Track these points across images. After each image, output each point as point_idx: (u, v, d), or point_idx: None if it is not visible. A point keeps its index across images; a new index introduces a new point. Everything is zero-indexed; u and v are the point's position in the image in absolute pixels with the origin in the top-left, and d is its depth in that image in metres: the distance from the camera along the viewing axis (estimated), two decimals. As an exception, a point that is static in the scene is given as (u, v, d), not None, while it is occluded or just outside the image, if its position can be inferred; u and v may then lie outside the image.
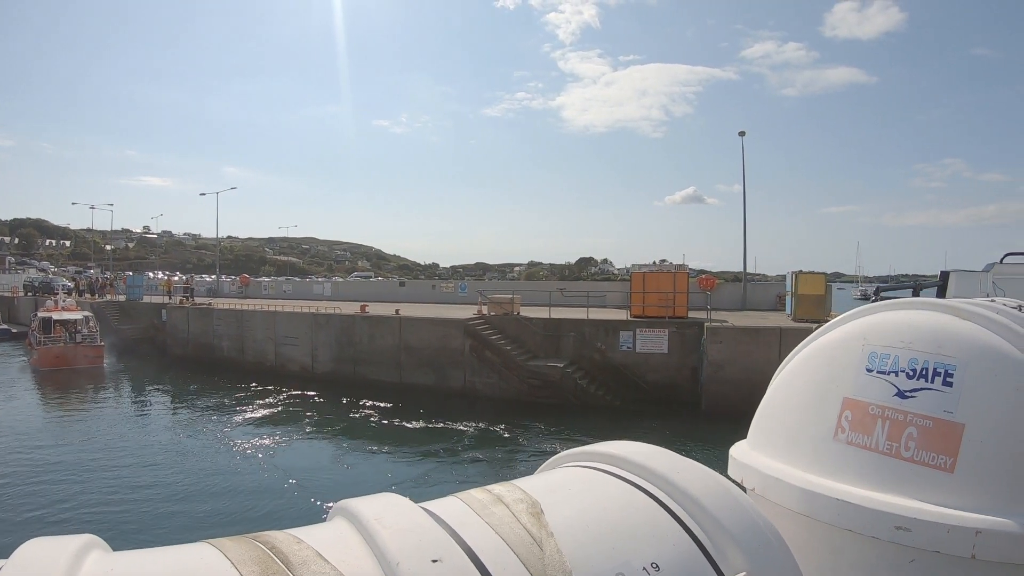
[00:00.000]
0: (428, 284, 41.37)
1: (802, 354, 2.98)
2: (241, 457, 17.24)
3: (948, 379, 2.39)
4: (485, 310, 26.17)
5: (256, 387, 26.39)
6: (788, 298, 24.91)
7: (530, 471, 6.46)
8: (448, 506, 1.36)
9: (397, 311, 27.74)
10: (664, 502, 1.44)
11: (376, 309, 29.49)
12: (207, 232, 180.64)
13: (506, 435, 19.31)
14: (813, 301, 23.31)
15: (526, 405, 22.10)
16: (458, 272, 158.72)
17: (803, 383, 2.87)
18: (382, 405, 22.93)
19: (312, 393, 25.10)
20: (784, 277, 29.28)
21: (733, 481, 2.31)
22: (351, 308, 29.58)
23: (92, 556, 1.09)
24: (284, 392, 25.48)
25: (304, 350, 28.96)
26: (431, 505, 1.36)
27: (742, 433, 2.92)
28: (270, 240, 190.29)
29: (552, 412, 21.18)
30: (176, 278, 55.60)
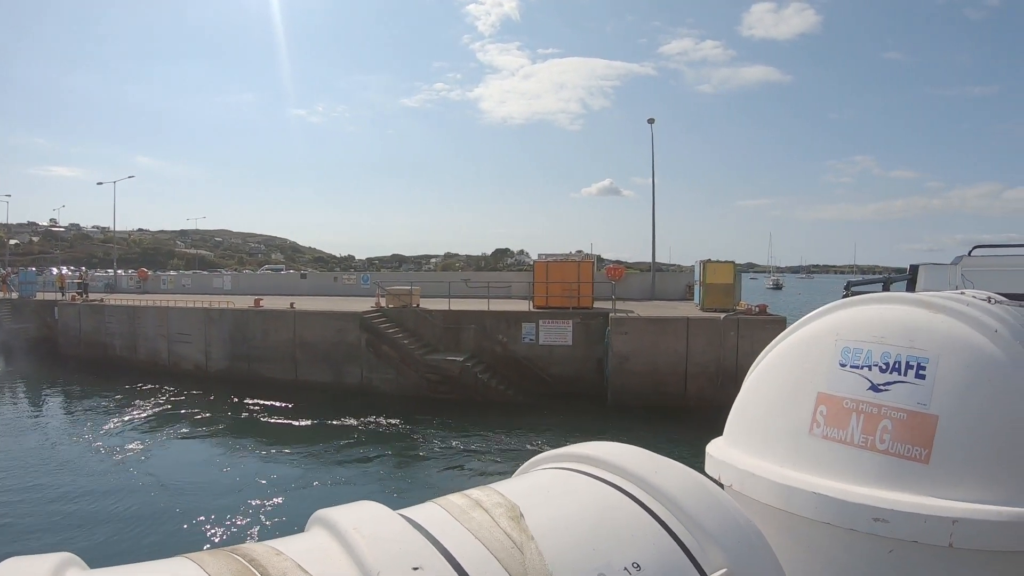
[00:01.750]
0: (330, 276, 39.56)
1: (776, 350, 2.99)
2: (114, 464, 15.80)
3: (921, 372, 2.42)
4: (383, 302, 24.83)
5: (146, 388, 24.48)
6: (696, 287, 24.33)
7: (431, 471, 14.22)
8: (427, 512, 1.32)
9: (292, 304, 26.10)
10: (644, 502, 1.42)
11: (274, 303, 27.78)
12: (118, 224, 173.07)
13: (404, 433, 18.33)
14: (721, 290, 22.83)
15: (425, 401, 21.02)
16: (374, 264, 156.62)
17: (777, 379, 2.88)
18: (277, 404, 21.54)
19: (205, 393, 23.45)
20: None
21: (710, 478, 2.34)
22: (248, 302, 27.75)
23: (69, 574, 1.06)
24: (175, 393, 23.75)
25: (197, 347, 27.08)
26: (410, 512, 1.32)
27: (648, 426, 3.19)
28: (182, 233, 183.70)
29: (452, 408, 20.22)
30: (69, 272, 52.10)
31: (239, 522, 12.06)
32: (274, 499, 13.08)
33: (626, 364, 19.98)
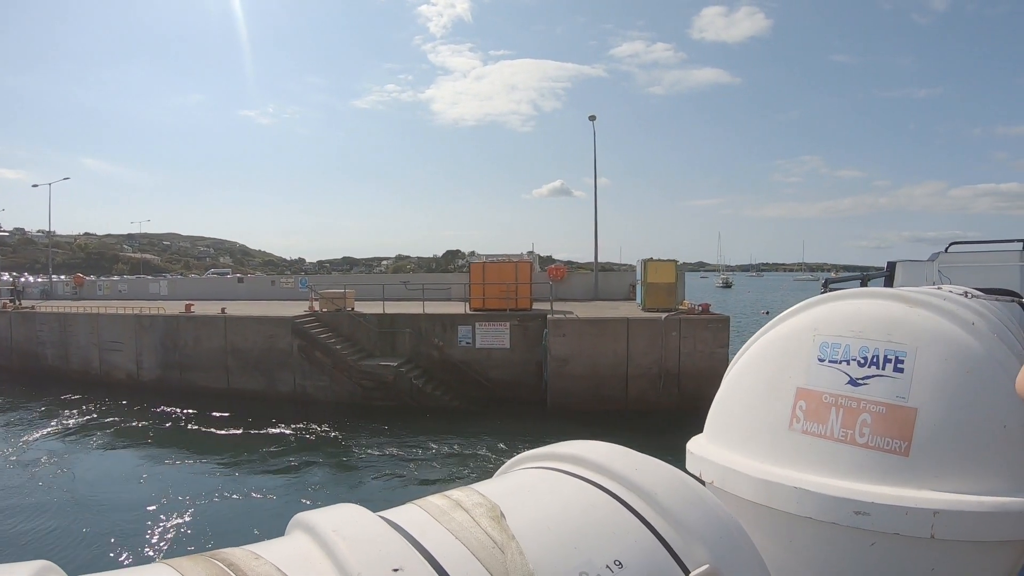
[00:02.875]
0: (268, 280, 38.23)
1: (754, 347, 2.99)
2: (31, 479, 15.03)
3: (899, 365, 2.44)
4: (317, 306, 23.92)
5: (76, 398, 23.30)
6: (638, 287, 23.85)
7: (366, 480, 13.96)
8: (407, 514, 1.33)
9: (223, 310, 24.99)
10: (625, 500, 1.43)
11: (210, 308, 26.57)
12: (64, 228, 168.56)
13: (339, 442, 17.68)
14: (663, 290, 22.32)
15: (360, 408, 20.31)
16: (324, 267, 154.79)
17: (756, 375, 2.89)
18: (209, 414, 20.59)
19: (136, 403, 22.39)
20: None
21: (691, 475, 2.51)
22: (181, 309, 26.52)
23: None
24: (106, 403, 22.64)
25: (129, 356, 25.74)
26: (390, 514, 1.32)
27: (589, 430, 2.30)
28: (129, 237, 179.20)
29: (388, 415, 19.53)
30: (7, 278, 49.90)
31: (167, 536, 11.59)
32: (201, 512, 12.61)
33: (565, 367, 19.45)
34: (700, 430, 3.25)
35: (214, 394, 22.81)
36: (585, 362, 19.37)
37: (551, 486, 1.50)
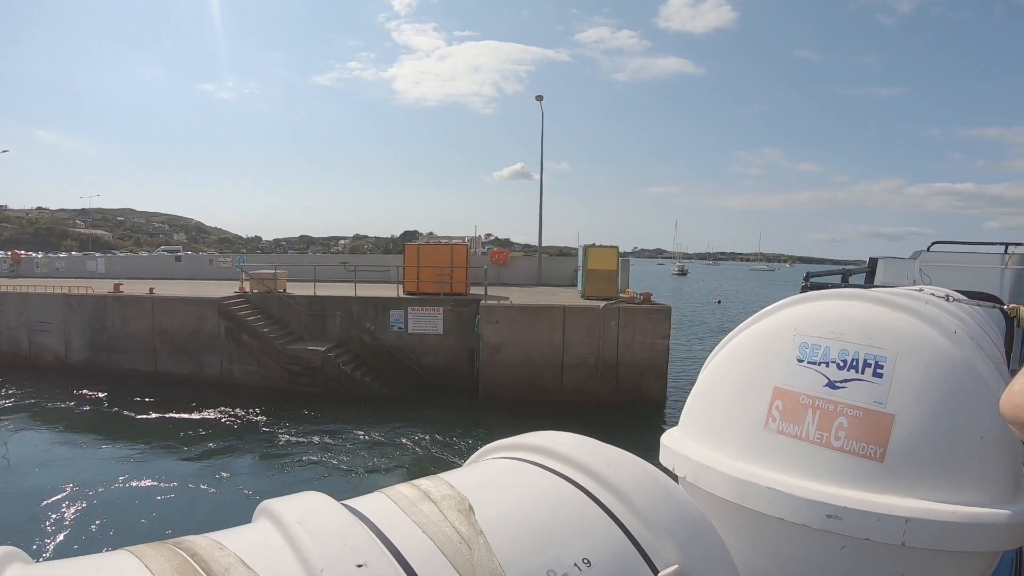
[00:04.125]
0: (206, 259, 37.04)
1: (733, 342, 2.96)
2: None
3: (878, 370, 2.41)
4: (247, 287, 23.01)
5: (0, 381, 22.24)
6: (579, 274, 23.28)
7: (289, 468, 13.99)
8: (374, 504, 1.30)
9: (151, 290, 23.96)
10: (596, 495, 1.41)
11: (141, 288, 25.43)
12: (16, 203, 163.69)
13: (264, 428, 17.11)
14: (604, 277, 21.69)
15: (288, 394, 19.58)
16: (281, 245, 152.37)
17: (734, 372, 2.86)
18: (135, 399, 19.71)
19: (64, 386, 21.41)
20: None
21: (664, 469, 2.49)
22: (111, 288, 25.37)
23: (12, 569, 1.04)
24: (31, 386, 21.67)
25: (57, 337, 24.57)
26: (357, 503, 1.31)
27: (521, 422, 2.60)
28: (83, 212, 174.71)
29: (315, 402, 18.90)
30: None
31: (84, 525, 11.19)
32: (118, 499, 12.31)
33: (498, 356, 18.89)
34: (637, 423, 3.38)
35: (141, 377, 22.03)
36: (519, 350, 18.83)
37: (521, 478, 1.49)
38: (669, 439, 2.99)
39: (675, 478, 2.75)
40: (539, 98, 29.69)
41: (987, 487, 2.22)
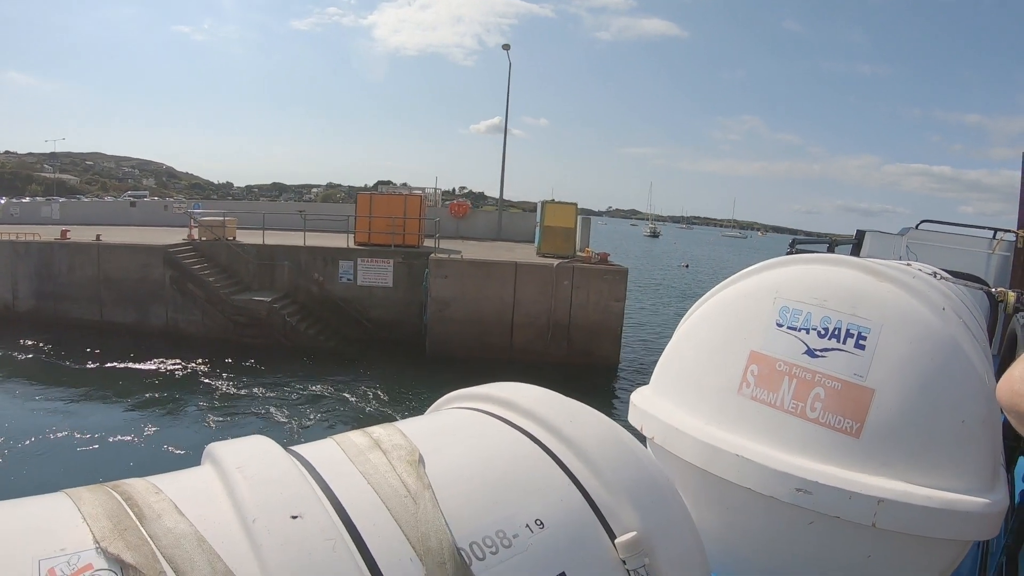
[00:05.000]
0: (161, 205, 36.02)
1: (711, 301, 2.86)
2: None
3: (861, 341, 2.31)
4: (195, 234, 22.31)
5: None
6: (536, 230, 22.81)
7: (231, 420, 14.34)
8: (322, 451, 1.25)
9: (98, 236, 23.16)
10: (555, 453, 1.35)
11: (91, 234, 24.60)
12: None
13: (207, 380, 16.80)
14: (561, 235, 21.20)
15: (234, 346, 19.07)
16: (253, 192, 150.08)
17: (710, 332, 2.77)
18: (80, 349, 19.17)
19: (12, 336, 20.73)
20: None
21: (633, 429, 2.38)
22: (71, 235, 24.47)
23: None
24: None
25: (4, 285, 23.54)
26: (305, 449, 1.25)
27: (468, 380, 1.97)
28: (51, 156, 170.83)
29: (261, 353, 18.48)
30: None
31: (25, 470, 11.20)
32: (56, 447, 12.29)
33: (446, 311, 18.52)
34: (589, 385, 3.20)
35: (88, 326, 21.36)
36: (468, 307, 18.47)
37: (479, 430, 1.43)
38: (639, 397, 2.89)
39: (643, 439, 2.70)
40: (506, 47, 28.92)
41: (965, 473, 2.14)
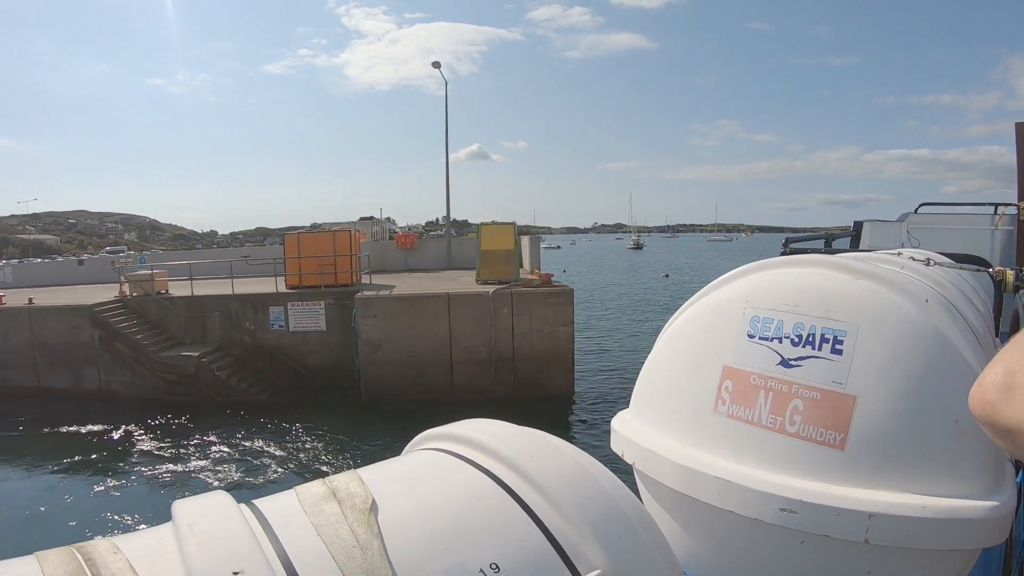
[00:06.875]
0: (108, 261, 35.09)
1: (684, 316, 2.74)
2: None
3: (837, 346, 2.17)
4: (127, 290, 21.40)
5: None
6: (477, 256, 21.67)
7: (149, 488, 13.99)
8: (279, 504, 1.21)
9: (31, 300, 22.25)
10: (516, 491, 1.27)
11: (37, 296, 23.59)
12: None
13: (135, 443, 16.25)
14: (500, 258, 19.85)
15: (164, 404, 18.18)
16: (237, 239, 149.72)
17: (683, 348, 2.63)
18: (18, 418, 18.57)
19: None
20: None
21: (616, 457, 2.43)
22: (16, 298, 23.48)
23: None
24: None
25: None
26: (264, 503, 1.21)
27: (409, 425, 2.26)
28: (33, 217, 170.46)
29: (194, 411, 17.65)
30: None
31: None
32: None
33: (378, 353, 17.48)
34: (540, 421, 2.20)
35: (27, 393, 20.56)
36: (401, 346, 17.42)
37: (438, 473, 1.36)
38: (619, 422, 2.78)
39: (627, 467, 2.61)
40: (436, 65, 27.62)
41: (963, 477, 1.98)
